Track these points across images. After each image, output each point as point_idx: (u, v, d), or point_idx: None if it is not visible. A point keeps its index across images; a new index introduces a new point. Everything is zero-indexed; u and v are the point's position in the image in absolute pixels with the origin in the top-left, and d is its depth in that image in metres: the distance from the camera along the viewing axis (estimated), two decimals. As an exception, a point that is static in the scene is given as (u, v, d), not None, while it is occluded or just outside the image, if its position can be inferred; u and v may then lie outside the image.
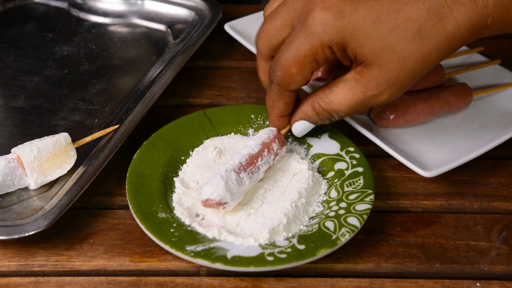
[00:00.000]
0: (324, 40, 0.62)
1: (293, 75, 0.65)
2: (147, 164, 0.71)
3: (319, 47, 0.62)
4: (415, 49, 0.61)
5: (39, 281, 0.62)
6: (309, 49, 0.63)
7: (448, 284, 0.64)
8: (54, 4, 1.02)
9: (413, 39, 0.61)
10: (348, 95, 0.65)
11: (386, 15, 0.61)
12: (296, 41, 0.63)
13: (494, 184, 0.75)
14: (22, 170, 0.68)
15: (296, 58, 0.63)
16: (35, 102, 0.82)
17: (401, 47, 0.61)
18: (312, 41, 0.62)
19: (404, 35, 0.61)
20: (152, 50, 0.94)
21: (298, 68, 0.64)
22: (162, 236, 0.63)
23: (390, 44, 0.61)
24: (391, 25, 0.61)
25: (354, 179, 0.70)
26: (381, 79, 0.63)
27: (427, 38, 0.61)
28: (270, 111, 0.70)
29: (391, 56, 0.61)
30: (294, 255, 0.61)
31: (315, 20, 0.61)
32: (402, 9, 0.61)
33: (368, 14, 0.61)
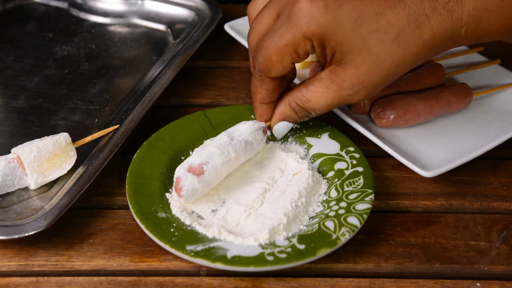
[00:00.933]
0: (306, 32, 0.62)
1: (274, 63, 0.66)
2: (147, 164, 0.71)
3: (301, 39, 0.63)
4: (391, 53, 0.63)
5: (39, 281, 0.62)
6: (291, 39, 0.63)
7: (448, 284, 0.64)
8: (54, 4, 1.02)
9: (391, 44, 0.62)
10: (324, 94, 0.66)
11: (368, 16, 0.62)
12: (279, 30, 0.64)
13: (494, 184, 0.75)
14: (22, 170, 0.68)
15: (277, 46, 0.64)
16: (35, 102, 0.82)
17: (378, 50, 0.62)
18: (295, 32, 0.63)
19: (383, 39, 0.62)
20: (152, 50, 0.94)
21: (278, 56, 0.65)
22: (162, 236, 0.63)
23: (368, 46, 0.62)
24: (371, 27, 0.62)
25: (354, 178, 0.70)
26: (355, 80, 0.64)
27: (404, 44, 0.62)
28: (253, 98, 0.71)
29: (367, 57, 0.63)
30: (294, 255, 0.61)
31: (300, 11, 0.62)
32: (384, 12, 0.62)
33: (351, 13, 0.62)
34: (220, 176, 0.67)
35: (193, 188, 0.65)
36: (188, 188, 0.64)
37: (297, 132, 0.77)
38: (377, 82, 0.65)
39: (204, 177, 0.65)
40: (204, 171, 0.65)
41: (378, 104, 0.78)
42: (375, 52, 0.62)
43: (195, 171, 0.65)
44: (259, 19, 0.68)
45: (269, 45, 0.65)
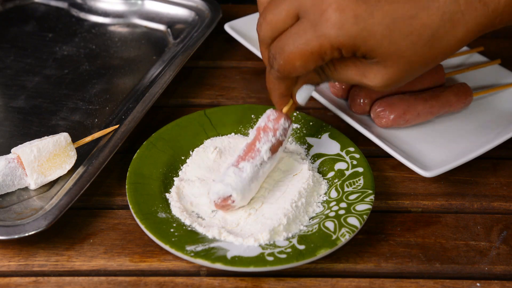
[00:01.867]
0: (335, 43, 0.61)
1: (296, 67, 0.64)
2: (147, 164, 0.71)
3: (328, 48, 0.61)
4: (423, 54, 0.61)
5: (39, 281, 0.62)
6: (317, 47, 0.61)
7: (448, 284, 0.64)
8: (54, 4, 1.02)
9: (423, 46, 0.60)
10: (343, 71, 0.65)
11: (401, 21, 0.60)
12: (304, 36, 0.62)
13: (494, 184, 0.75)
14: (22, 170, 0.68)
15: (302, 52, 0.62)
16: (35, 102, 0.82)
17: (410, 53, 0.61)
18: (323, 41, 0.61)
19: (416, 42, 0.60)
20: (152, 50, 0.94)
21: (302, 62, 0.63)
22: (162, 236, 0.63)
23: (400, 50, 0.60)
24: (405, 31, 0.60)
25: (354, 179, 0.70)
26: (381, 76, 0.63)
27: (437, 44, 0.60)
28: (271, 93, 0.69)
29: (398, 60, 0.61)
30: (294, 255, 0.61)
31: (329, 21, 0.60)
32: (418, 14, 0.60)
33: (383, 20, 0.59)
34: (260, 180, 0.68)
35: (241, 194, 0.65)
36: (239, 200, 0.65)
37: (297, 132, 0.77)
38: (402, 80, 0.63)
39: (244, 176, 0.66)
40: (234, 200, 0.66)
41: (378, 104, 0.78)
42: (407, 55, 0.61)
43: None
44: (274, 12, 0.65)
45: (292, 49, 0.63)
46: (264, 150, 0.67)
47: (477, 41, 0.91)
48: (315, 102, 0.84)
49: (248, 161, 0.66)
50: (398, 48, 0.60)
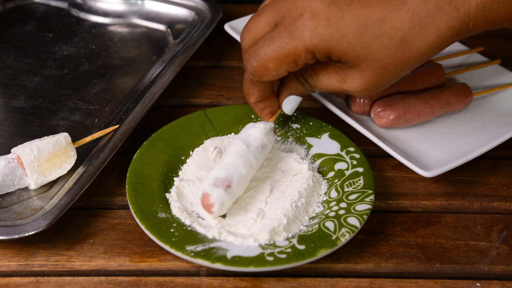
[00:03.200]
0: (309, 46, 0.62)
1: (269, 70, 0.66)
2: (147, 164, 0.71)
3: (302, 51, 0.63)
4: (396, 57, 0.63)
5: (39, 281, 0.62)
6: (292, 50, 0.63)
7: (448, 284, 0.64)
8: (54, 4, 1.02)
9: (395, 48, 0.62)
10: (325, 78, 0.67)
11: (371, 24, 0.61)
12: (279, 39, 0.64)
13: (494, 184, 0.75)
14: (22, 170, 0.68)
15: (276, 55, 0.64)
16: (35, 102, 0.82)
17: (383, 55, 0.62)
18: (296, 44, 0.63)
19: (387, 44, 0.62)
20: (152, 50, 0.94)
21: (275, 65, 0.65)
22: (162, 236, 0.63)
23: (372, 52, 0.62)
24: (375, 33, 0.61)
25: (354, 179, 0.70)
26: (359, 80, 0.65)
27: (409, 47, 0.62)
28: (247, 98, 0.71)
29: (372, 63, 0.63)
30: (294, 255, 0.61)
31: (303, 25, 0.62)
32: (387, 17, 0.61)
33: (354, 22, 0.61)
34: (245, 185, 0.67)
35: (222, 202, 0.64)
36: (220, 204, 0.64)
37: (297, 132, 0.77)
38: (380, 83, 0.65)
39: (232, 190, 0.65)
40: (231, 183, 0.65)
41: (378, 104, 0.78)
42: (379, 57, 0.62)
43: (223, 185, 0.64)
44: (255, 22, 0.67)
45: (266, 52, 0.65)
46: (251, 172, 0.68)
47: (477, 41, 0.91)
48: (315, 102, 0.84)
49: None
50: (370, 51, 0.62)
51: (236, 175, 0.65)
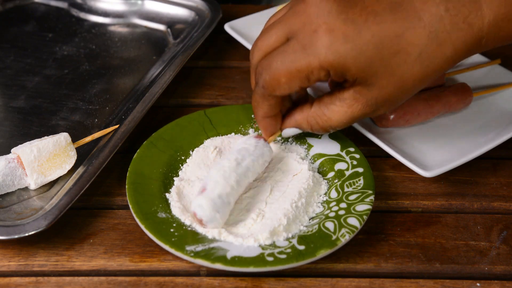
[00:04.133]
0: (324, 62, 0.61)
1: (281, 84, 0.64)
2: (147, 164, 0.71)
3: (316, 68, 0.62)
4: (414, 72, 0.62)
5: (39, 281, 0.62)
6: (305, 66, 0.62)
7: (448, 284, 0.64)
8: (54, 4, 1.02)
9: (413, 64, 0.62)
10: (347, 113, 0.66)
11: (388, 40, 0.61)
12: (293, 54, 0.63)
13: (494, 184, 0.75)
14: (22, 170, 0.68)
15: (289, 69, 0.63)
16: (35, 102, 0.82)
17: (401, 71, 0.62)
18: (311, 60, 0.62)
19: (405, 60, 0.62)
20: (152, 50, 0.94)
21: (287, 79, 0.64)
22: (162, 236, 0.63)
23: (391, 68, 0.62)
24: (393, 49, 0.61)
25: (354, 179, 0.70)
26: (380, 98, 0.64)
27: (427, 63, 0.62)
28: (255, 112, 0.70)
29: (391, 79, 0.62)
30: (294, 255, 0.61)
31: (319, 41, 0.61)
32: (404, 34, 0.61)
33: (371, 39, 0.61)
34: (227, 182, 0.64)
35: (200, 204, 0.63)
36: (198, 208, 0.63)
37: (297, 132, 0.77)
38: (400, 98, 0.65)
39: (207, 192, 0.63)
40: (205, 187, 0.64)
41: (378, 104, 0.78)
42: (398, 73, 0.62)
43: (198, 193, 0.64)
44: (265, 39, 0.66)
45: (279, 66, 0.63)
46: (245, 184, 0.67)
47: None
48: (315, 102, 0.84)
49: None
50: (388, 67, 0.62)
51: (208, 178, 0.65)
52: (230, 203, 0.65)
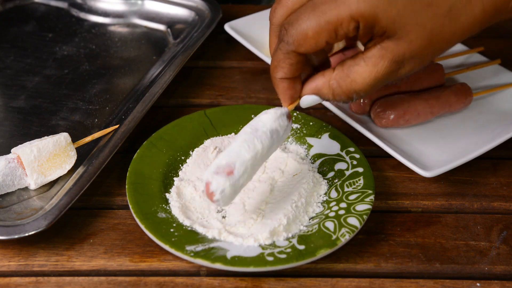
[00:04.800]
0: (355, 13, 0.59)
1: (308, 38, 0.62)
2: (147, 164, 0.71)
3: (346, 19, 0.60)
4: (444, 28, 0.61)
5: (39, 281, 0.62)
6: (334, 17, 0.60)
7: (448, 284, 0.64)
8: (54, 4, 1.02)
9: (443, 18, 0.60)
10: (372, 73, 0.63)
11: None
12: (321, 6, 0.60)
13: (494, 184, 0.75)
14: (22, 170, 0.68)
15: (317, 21, 0.61)
16: (35, 102, 0.82)
17: (432, 24, 0.61)
18: (341, 11, 0.60)
19: (436, 13, 0.60)
20: (152, 50, 0.94)
21: (315, 33, 0.61)
22: (162, 236, 0.63)
23: (422, 21, 0.60)
24: (424, 2, 0.60)
25: (354, 179, 0.70)
26: (408, 54, 0.62)
27: (456, 19, 0.61)
28: (274, 73, 0.66)
29: (421, 32, 0.61)
30: (294, 255, 0.61)
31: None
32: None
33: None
34: (251, 172, 0.62)
35: (223, 189, 0.60)
36: (220, 191, 0.60)
37: (297, 132, 0.77)
38: (427, 56, 0.63)
39: (234, 176, 0.60)
40: (233, 169, 0.61)
41: (378, 104, 0.78)
42: (429, 27, 0.60)
43: (224, 171, 0.60)
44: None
45: (307, 18, 0.61)
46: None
47: (477, 41, 0.91)
48: (315, 102, 0.84)
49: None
50: (419, 19, 0.60)
51: (239, 161, 0.61)
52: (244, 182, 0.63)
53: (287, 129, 0.65)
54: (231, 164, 0.60)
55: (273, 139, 0.63)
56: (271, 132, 0.63)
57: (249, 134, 0.62)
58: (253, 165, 0.62)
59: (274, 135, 0.63)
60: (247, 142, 0.62)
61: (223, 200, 0.60)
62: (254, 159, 0.62)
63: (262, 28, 0.94)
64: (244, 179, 0.61)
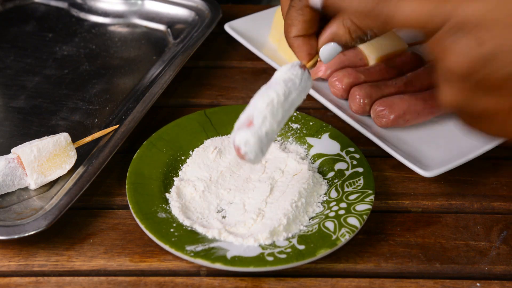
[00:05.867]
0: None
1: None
2: (147, 164, 0.71)
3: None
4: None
5: (39, 281, 0.62)
6: None
7: (448, 284, 0.64)
8: (54, 4, 1.02)
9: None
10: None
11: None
12: None
13: (494, 184, 0.75)
14: (22, 170, 0.68)
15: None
16: (35, 102, 0.82)
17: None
18: None
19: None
20: (152, 50, 0.94)
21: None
22: (162, 236, 0.63)
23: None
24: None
25: (354, 179, 0.70)
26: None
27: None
28: (288, 32, 0.65)
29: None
30: (294, 255, 0.61)
31: None
32: None
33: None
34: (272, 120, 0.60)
35: (246, 140, 0.58)
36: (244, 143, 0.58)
37: (297, 132, 0.77)
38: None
39: (254, 126, 0.59)
40: (252, 120, 0.59)
41: (378, 104, 0.78)
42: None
43: (244, 125, 0.59)
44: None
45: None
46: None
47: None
48: (315, 102, 0.84)
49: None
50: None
51: (256, 112, 0.59)
52: (273, 140, 0.61)
53: (304, 78, 0.63)
54: (249, 116, 0.59)
55: (288, 87, 0.62)
56: (285, 81, 0.62)
57: (262, 89, 0.61)
58: (273, 113, 0.60)
59: (289, 83, 0.62)
60: (261, 95, 0.61)
61: (250, 151, 0.58)
62: (271, 106, 0.60)
63: (262, 28, 0.94)
64: (267, 127, 0.60)
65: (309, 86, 0.64)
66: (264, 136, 0.59)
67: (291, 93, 0.61)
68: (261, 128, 0.59)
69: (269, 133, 0.59)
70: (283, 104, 0.61)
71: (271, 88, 0.61)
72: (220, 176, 0.71)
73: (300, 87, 0.62)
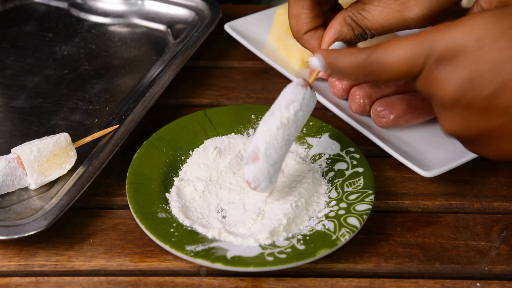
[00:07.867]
0: None
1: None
2: (147, 164, 0.71)
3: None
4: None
5: (39, 281, 0.62)
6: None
7: (448, 284, 0.64)
8: (54, 4, 1.02)
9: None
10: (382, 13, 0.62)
11: None
12: None
13: (494, 184, 0.75)
14: (22, 170, 0.68)
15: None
16: (35, 102, 0.82)
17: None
18: None
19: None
20: (152, 50, 0.94)
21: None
22: (162, 236, 0.63)
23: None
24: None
25: (354, 179, 0.70)
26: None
27: None
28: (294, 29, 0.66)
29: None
30: (294, 255, 0.61)
31: None
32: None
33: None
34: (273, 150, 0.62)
35: (255, 175, 0.62)
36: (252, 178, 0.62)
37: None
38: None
39: (259, 160, 0.61)
40: (257, 154, 0.61)
41: (378, 104, 0.78)
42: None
43: (250, 159, 0.62)
44: None
45: None
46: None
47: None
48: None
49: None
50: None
51: (260, 143, 0.62)
52: (281, 168, 0.64)
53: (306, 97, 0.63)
54: (254, 149, 0.62)
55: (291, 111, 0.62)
56: (287, 106, 0.63)
57: (266, 116, 0.63)
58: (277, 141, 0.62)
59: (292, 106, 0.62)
60: (265, 123, 0.63)
61: (259, 184, 0.62)
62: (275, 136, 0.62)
63: (262, 28, 0.94)
64: (273, 158, 0.62)
65: (313, 105, 0.64)
66: (271, 167, 0.62)
67: (295, 116, 0.63)
68: (267, 160, 0.62)
69: (276, 162, 0.63)
70: (287, 129, 0.63)
71: (274, 116, 0.62)
72: (220, 176, 0.71)
73: (305, 108, 0.63)
